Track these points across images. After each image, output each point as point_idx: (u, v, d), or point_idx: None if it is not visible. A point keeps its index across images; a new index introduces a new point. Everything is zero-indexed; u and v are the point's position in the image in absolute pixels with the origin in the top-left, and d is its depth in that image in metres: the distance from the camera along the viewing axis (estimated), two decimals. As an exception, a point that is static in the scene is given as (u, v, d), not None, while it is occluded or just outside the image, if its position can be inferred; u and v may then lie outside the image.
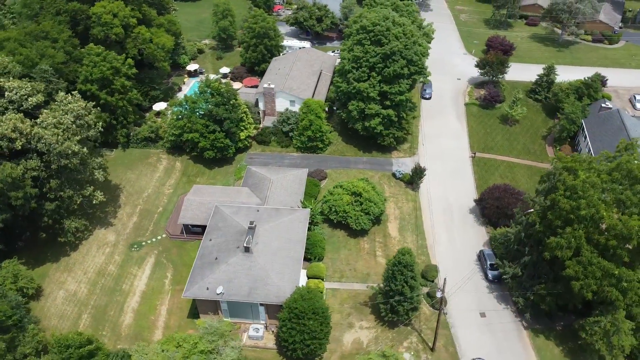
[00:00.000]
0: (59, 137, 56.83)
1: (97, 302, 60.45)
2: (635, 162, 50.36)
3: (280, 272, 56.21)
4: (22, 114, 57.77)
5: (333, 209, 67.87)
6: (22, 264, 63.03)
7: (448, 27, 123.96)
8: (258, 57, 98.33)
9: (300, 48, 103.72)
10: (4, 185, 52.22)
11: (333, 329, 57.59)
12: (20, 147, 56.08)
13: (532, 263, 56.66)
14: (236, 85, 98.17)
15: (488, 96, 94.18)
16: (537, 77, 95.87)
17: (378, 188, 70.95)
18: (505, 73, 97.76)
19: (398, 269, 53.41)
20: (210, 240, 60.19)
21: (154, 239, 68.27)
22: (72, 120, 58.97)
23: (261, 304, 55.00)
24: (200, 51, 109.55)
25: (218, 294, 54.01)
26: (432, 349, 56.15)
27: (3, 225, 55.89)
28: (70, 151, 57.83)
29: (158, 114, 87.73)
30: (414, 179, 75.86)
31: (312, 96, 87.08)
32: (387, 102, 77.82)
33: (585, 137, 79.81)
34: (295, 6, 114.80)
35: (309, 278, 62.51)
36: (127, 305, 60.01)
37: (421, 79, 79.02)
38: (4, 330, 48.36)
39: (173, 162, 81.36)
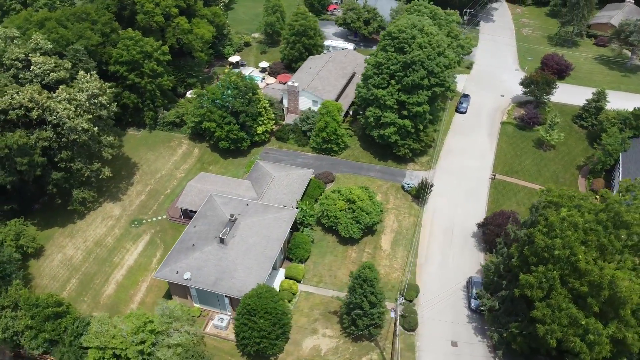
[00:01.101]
0: (70, 112, 61.24)
1: (88, 269, 64.61)
2: (627, 203, 45.51)
3: (249, 267, 56.96)
4: (39, 86, 62.77)
5: (325, 213, 67.50)
6: (34, 225, 69.12)
7: (506, 40, 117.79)
8: (295, 54, 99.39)
9: (342, 49, 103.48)
10: (10, 151, 57.30)
11: (296, 332, 57.71)
12: (35, 117, 61.13)
13: (509, 298, 53.10)
14: (270, 80, 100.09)
15: (526, 117, 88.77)
16: (585, 102, 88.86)
17: (376, 198, 69.45)
18: (551, 94, 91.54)
19: (358, 282, 52.22)
20: (195, 227, 62.17)
21: (154, 219, 71.63)
22: (85, 98, 63.19)
23: (226, 296, 56.05)
24: (247, 44, 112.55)
25: (185, 279, 55.80)
26: (393, 370, 54.48)
27: (11, 187, 61.20)
28: (80, 127, 62.12)
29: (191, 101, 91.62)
30: (420, 193, 73.42)
31: (337, 98, 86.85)
32: (405, 112, 75.86)
33: (620, 173, 73.03)
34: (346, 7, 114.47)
35: (286, 278, 62.81)
36: (113, 277, 63.61)
37: (441, 91, 75.80)
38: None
39: (192, 148, 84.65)
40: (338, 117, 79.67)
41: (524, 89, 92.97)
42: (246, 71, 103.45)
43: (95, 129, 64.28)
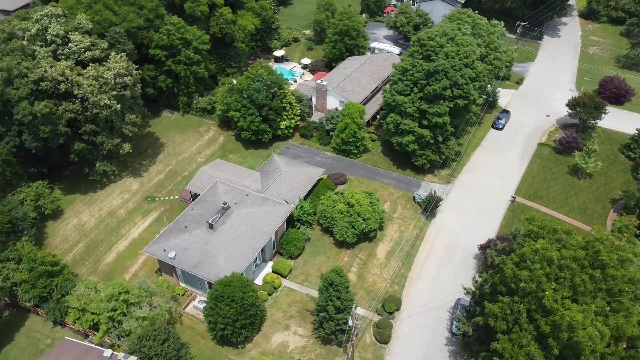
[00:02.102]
0: (94, 88, 65.78)
1: (96, 236, 69.21)
2: (610, 242, 41.70)
3: (231, 255, 58.44)
4: (73, 62, 67.86)
5: (323, 214, 67.52)
6: (60, 189, 75.07)
7: (568, 59, 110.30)
8: (336, 53, 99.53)
9: (387, 52, 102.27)
10: (35, 119, 62.64)
11: (269, 325, 58.60)
12: (64, 89, 66.30)
13: (483, 325, 50.49)
14: (308, 77, 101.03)
15: (565, 140, 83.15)
16: (636, 132, 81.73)
17: (379, 206, 68.29)
18: (599, 119, 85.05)
19: (325, 285, 52.00)
20: (192, 210, 64.64)
21: (166, 198, 75.20)
22: (112, 76, 67.56)
23: (204, 279, 57.91)
24: (295, 40, 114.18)
25: (169, 258, 58.30)
26: (350, 379, 53.86)
27: (38, 152, 66.85)
28: (102, 103, 66.59)
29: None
30: (427, 206, 71.34)
31: (365, 101, 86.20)
32: (425, 122, 73.93)
33: (654, 212, 66.74)
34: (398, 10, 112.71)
35: (273, 272, 63.72)
36: (115, 247, 67.68)
37: (464, 104, 72.76)
38: (6, 233, 58.53)
39: (218, 135, 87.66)
40: (359, 120, 79.07)
41: (569, 111, 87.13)
42: (288, 66, 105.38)
43: (118, 106, 68.48)
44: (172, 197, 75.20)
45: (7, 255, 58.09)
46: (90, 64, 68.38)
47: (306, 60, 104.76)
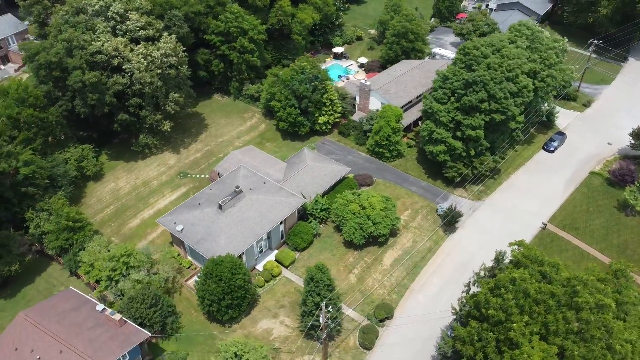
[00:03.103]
0: (141, 65, 70.67)
1: (126, 202, 74.46)
2: (593, 280, 38.21)
3: (232, 236, 60.50)
4: (128, 39, 73.23)
5: (336, 212, 67.59)
6: (107, 154, 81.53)
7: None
8: (392, 55, 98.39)
9: (447, 59, 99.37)
10: (85, 86, 68.53)
11: (259, 310, 60.15)
12: (116, 64, 71.88)
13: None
14: (361, 76, 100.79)
15: (618, 172, 76.35)
16: (703, 174, 73.23)
17: (394, 211, 67.11)
18: (666, 154, 77.23)
19: (306, 278, 52.37)
20: (210, 189, 67.53)
21: (197, 176, 79.01)
22: (159, 56, 72.12)
23: (203, 255, 60.42)
24: (359, 38, 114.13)
25: (177, 231, 61.54)
26: (323, 377, 53.94)
27: (87, 118, 73.11)
28: (146, 80, 71.38)
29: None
30: (447, 220, 69.01)
31: (407, 106, 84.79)
32: (458, 133, 71.39)
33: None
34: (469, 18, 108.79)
35: (276, 260, 65.06)
36: (141, 214, 72.40)
37: (501, 119, 69.05)
38: (36, 185, 64.95)
39: (261, 122, 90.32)
40: (394, 123, 77.91)
41: (632, 141, 79.84)
42: (345, 64, 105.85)
43: (160, 83, 72.98)
44: (202, 176, 78.83)
45: (42, 206, 64.29)
46: (142, 42, 73.41)
47: (363, 60, 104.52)
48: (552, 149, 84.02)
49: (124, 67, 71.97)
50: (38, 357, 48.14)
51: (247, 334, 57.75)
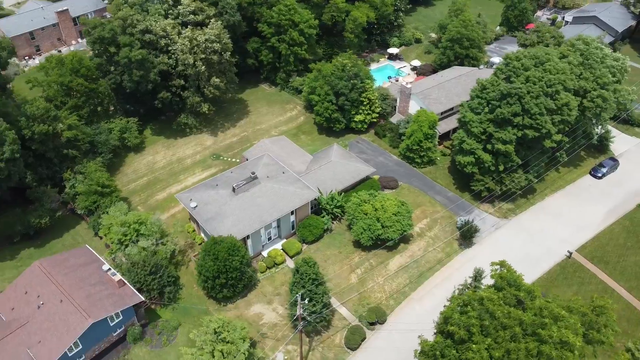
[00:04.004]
0: (185, 47, 74.40)
1: (159, 175, 78.77)
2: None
3: (239, 220, 62.34)
4: (178, 22, 77.28)
5: (349, 210, 67.39)
6: (152, 128, 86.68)
7: None
8: (445, 60, 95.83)
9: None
10: (130, 63, 73.31)
11: (256, 295, 61.72)
12: (163, 44, 76.21)
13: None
14: (410, 78, 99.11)
15: (668, 209, 69.67)
16: None
17: (408, 217, 65.81)
18: None
19: (294, 270, 52.95)
20: (231, 172, 69.89)
21: (229, 159, 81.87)
22: (203, 40, 75.51)
23: (208, 233, 62.70)
24: (418, 40, 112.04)
25: (191, 207, 64.42)
26: (301, 368, 54.44)
27: (130, 91, 78.13)
28: (189, 62, 75.06)
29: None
30: (462, 233, 66.67)
31: (446, 113, 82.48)
32: (489, 146, 68.52)
33: None
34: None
35: (282, 250, 66.26)
36: (170, 188, 76.31)
37: (534, 135, 65.20)
38: (78, 148, 70.60)
39: (300, 115, 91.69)
40: (426, 129, 76.15)
41: (692, 177, 72.47)
42: (397, 65, 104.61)
43: (203, 67, 76.36)
44: (233, 160, 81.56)
45: (79, 169, 69.84)
46: (189, 26, 77.17)
47: (416, 63, 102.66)
48: (599, 175, 78.13)
49: (169, 48, 76.08)
50: (41, 302, 52.71)
51: (239, 315, 59.47)
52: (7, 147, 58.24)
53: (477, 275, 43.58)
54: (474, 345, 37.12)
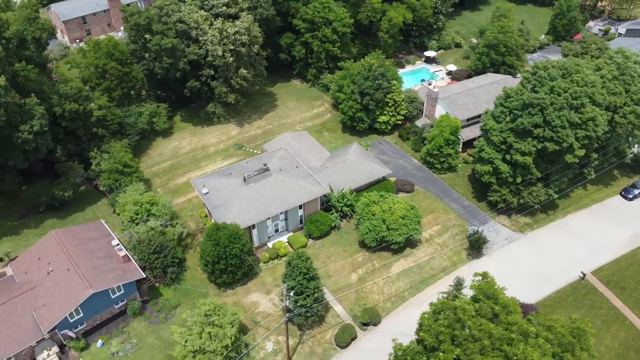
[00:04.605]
0: (215, 38, 76.56)
1: (182, 160, 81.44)
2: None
3: (245, 209, 63.64)
4: (211, 14, 79.54)
5: (357, 209, 67.27)
6: (182, 115, 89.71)
7: None
8: (479, 66, 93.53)
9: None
10: (161, 50, 76.17)
11: (255, 284, 62.96)
12: (194, 35, 78.69)
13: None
14: (443, 83, 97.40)
15: (699, 238, 65.19)
16: None
17: (416, 221, 64.97)
18: None
19: (287, 261, 53.66)
20: (247, 162, 71.39)
21: (251, 150, 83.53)
22: (232, 32, 77.38)
23: (215, 219, 64.26)
24: (457, 45, 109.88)
25: (203, 193, 66.35)
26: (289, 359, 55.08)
27: (160, 78, 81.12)
28: (218, 53, 77.19)
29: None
30: (470, 242, 65.15)
31: (471, 120, 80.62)
32: (507, 157, 66.51)
33: None
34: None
35: (287, 242, 67.14)
36: (189, 174, 78.71)
37: (554, 149, 62.59)
38: (106, 128, 74.22)
39: (327, 112, 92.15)
40: (447, 135, 74.76)
41: None
42: (433, 69, 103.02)
43: (231, 59, 78.25)
44: (255, 151, 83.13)
45: (106, 148, 73.33)
46: (219, 17, 79.23)
47: (452, 67, 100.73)
48: (631, 196, 74.08)
49: (200, 39, 78.46)
50: (51, 269, 56.04)
51: (236, 301, 60.84)
52: (36, 121, 62.13)
53: (458, 285, 42.58)
54: (441, 354, 36.48)
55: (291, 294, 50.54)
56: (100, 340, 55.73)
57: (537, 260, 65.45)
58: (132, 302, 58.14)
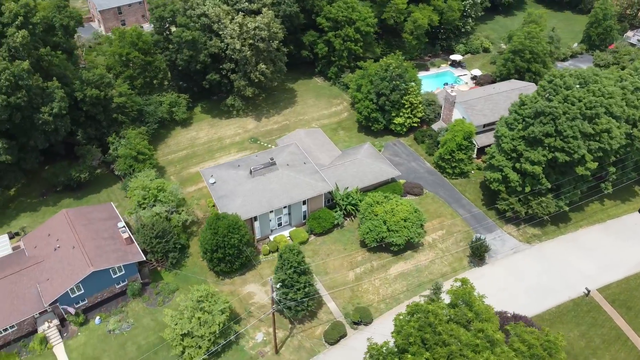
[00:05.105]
0: (234, 32, 78.07)
1: (197, 151, 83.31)
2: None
3: (247, 201, 64.66)
4: (231, 8, 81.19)
5: (360, 209, 67.26)
6: (203, 106, 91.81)
7: None
8: (504, 72, 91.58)
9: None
10: (181, 42, 78.19)
11: (254, 275, 64.00)
12: (216, 28, 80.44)
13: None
14: (465, 87, 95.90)
15: None
16: None
17: (418, 225, 64.48)
18: None
19: (279, 254, 54.33)
20: (256, 156, 72.55)
21: (265, 144, 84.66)
22: (252, 27, 78.69)
23: (219, 210, 65.57)
24: (486, 50, 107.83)
25: (209, 182, 67.88)
26: (276, 352, 55.75)
27: (181, 69, 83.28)
28: (236, 47, 78.67)
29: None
30: (471, 249, 64.17)
31: (488, 126, 79.04)
32: (517, 165, 65.10)
33: None
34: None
35: (288, 236, 67.89)
36: (202, 164, 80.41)
37: (565, 160, 60.72)
38: (126, 114, 76.85)
39: (345, 111, 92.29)
40: (460, 140, 73.71)
41: None
42: (457, 72, 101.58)
43: (249, 53, 79.59)
44: (268, 145, 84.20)
45: (124, 134, 75.69)
46: (241, 12, 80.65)
47: (477, 72, 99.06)
48: (654, 214, 71.19)
49: (220, 32, 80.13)
50: (58, 245, 58.67)
51: (233, 290, 62.02)
52: (56, 103, 65.10)
53: (436, 289, 42.12)
54: (409, 356, 36.34)
55: (278, 285, 51.16)
56: (98, 317, 57.99)
57: (541, 273, 63.82)
58: (132, 283, 60.15)
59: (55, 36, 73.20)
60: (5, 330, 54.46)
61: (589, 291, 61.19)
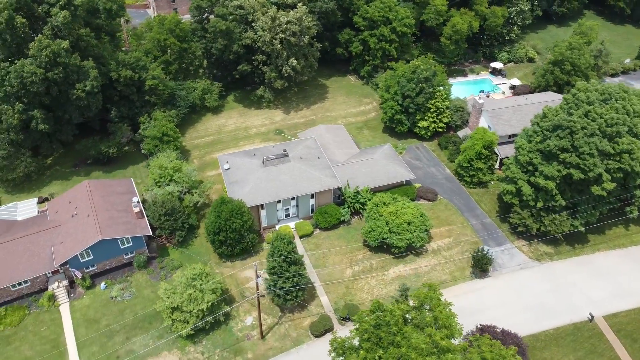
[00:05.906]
0: (265, 25, 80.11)
1: (222, 138, 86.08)
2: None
3: (256, 190, 66.40)
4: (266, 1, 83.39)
5: (366, 209, 67.40)
6: (236, 95, 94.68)
7: None
8: (542, 83, 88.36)
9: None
10: (216, 32, 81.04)
11: (253, 261, 65.05)
12: (251, 19, 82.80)
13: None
14: (499, 96, 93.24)
15: None
16: None
17: (419, 228, 63.90)
18: None
19: (271, 241, 55.65)
20: (273, 147, 74.27)
21: (289, 137, 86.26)
22: (284, 21, 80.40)
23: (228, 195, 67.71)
24: (530, 60, 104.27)
25: (224, 168, 70.23)
26: (262, 337, 57.24)
27: (216, 58, 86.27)
28: (266, 39, 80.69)
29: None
30: (473, 259, 62.85)
31: (513, 137, 76.65)
32: (532, 179, 63.03)
33: None
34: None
35: (293, 228, 69.21)
36: (226, 151, 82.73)
37: (579, 178, 58.01)
38: (158, 96, 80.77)
39: (372, 111, 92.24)
40: (480, 148, 72.09)
41: None
42: (496, 81, 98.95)
43: (279, 46, 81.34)
44: (291, 138, 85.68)
45: (155, 115, 79.75)
46: (275, 6, 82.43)
47: (516, 82, 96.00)
48: (679, 243, 66.71)
49: (253, 25, 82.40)
50: (76, 212, 62.96)
51: (232, 273, 64.08)
52: (89, 82, 69.64)
53: (403, 291, 41.78)
54: (362, 352, 36.66)
55: (262, 272, 52.49)
56: (104, 283, 61.79)
57: (545, 292, 61.54)
58: (139, 255, 63.50)
59: (99, 19, 78.08)
60: (20, 284, 59.19)
61: (593, 317, 58.41)
